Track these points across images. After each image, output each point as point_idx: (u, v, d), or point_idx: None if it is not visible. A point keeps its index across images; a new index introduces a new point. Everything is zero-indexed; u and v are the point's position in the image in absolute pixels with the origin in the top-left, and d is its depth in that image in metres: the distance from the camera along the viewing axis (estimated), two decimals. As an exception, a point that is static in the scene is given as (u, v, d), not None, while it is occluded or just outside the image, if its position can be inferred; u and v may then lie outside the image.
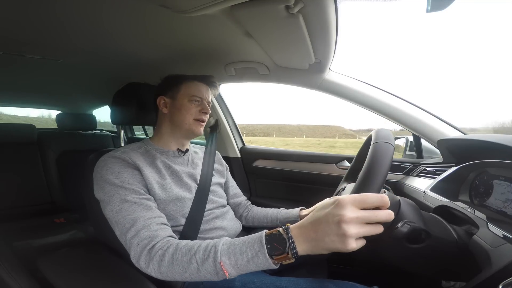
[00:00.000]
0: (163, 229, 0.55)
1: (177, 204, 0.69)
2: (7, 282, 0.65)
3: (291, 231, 0.41)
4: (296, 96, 74.07)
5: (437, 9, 0.51)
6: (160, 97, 0.78)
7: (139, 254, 0.50)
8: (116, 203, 0.57)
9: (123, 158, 0.65)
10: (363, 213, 0.36)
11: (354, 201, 0.36)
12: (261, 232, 0.43)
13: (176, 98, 0.76)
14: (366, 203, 0.36)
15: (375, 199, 0.36)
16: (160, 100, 0.78)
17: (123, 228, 0.55)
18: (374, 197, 0.36)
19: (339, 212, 0.36)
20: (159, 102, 0.78)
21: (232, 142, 1.38)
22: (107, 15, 0.67)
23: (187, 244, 0.48)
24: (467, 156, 0.71)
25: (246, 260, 0.42)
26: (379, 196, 0.37)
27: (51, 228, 1.37)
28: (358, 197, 0.37)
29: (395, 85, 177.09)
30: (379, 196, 0.37)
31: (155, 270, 0.48)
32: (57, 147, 1.59)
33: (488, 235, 0.48)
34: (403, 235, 0.52)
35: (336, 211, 0.37)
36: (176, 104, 0.76)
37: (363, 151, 0.73)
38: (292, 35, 0.68)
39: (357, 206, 0.36)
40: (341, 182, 0.82)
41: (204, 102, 0.78)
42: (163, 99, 0.77)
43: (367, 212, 0.36)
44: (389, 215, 0.37)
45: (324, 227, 0.37)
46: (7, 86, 1.41)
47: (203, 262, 0.44)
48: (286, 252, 0.40)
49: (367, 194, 0.37)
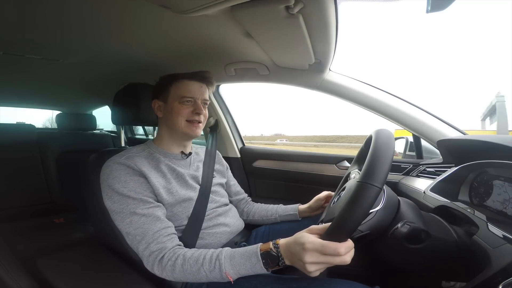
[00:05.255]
0: (170, 239, 0.61)
1: (182, 205, 0.71)
2: (7, 282, 0.65)
3: (280, 248, 0.51)
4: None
5: (437, 9, 0.51)
6: (154, 101, 0.77)
7: (152, 264, 0.58)
8: (126, 215, 0.61)
9: (128, 164, 0.65)
10: (319, 259, 0.45)
11: (315, 249, 0.45)
12: (256, 247, 0.53)
13: (167, 101, 0.74)
14: (324, 252, 0.45)
15: (331, 251, 0.44)
16: (154, 104, 0.77)
17: (134, 239, 0.60)
18: (331, 249, 0.44)
19: (303, 254, 0.46)
20: (154, 106, 0.77)
21: (232, 142, 1.38)
22: (107, 15, 0.67)
23: (193, 255, 0.56)
24: (467, 156, 0.71)
25: (246, 269, 0.52)
26: (335, 249, 0.44)
27: (50, 228, 1.37)
28: (319, 247, 0.45)
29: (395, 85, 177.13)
30: (335, 248, 0.44)
31: (168, 276, 0.57)
32: (57, 147, 1.59)
33: (488, 236, 0.48)
34: (403, 235, 0.52)
35: (301, 253, 0.46)
36: (168, 107, 0.74)
37: (363, 151, 0.73)
38: (292, 35, 0.68)
39: (318, 252, 0.45)
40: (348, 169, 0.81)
41: (197, 101, 0.74)
42: (157, 102, 0.76)
43: (323, 257, 0.45)
44: (344, 262, 0.44)
45: (295, 259, 0.48)
46: (7, 86, 1.41)
47: (211, 272, 0.53)
48: (277, 264, 0.51)
49: (327, 245, 0.44)
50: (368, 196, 0.41)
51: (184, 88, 0.73)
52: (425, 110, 0.94)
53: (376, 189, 0.41)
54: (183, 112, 0.73)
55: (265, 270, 0.51)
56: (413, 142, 1.07)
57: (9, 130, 1.50)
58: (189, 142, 0.82)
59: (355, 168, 0.76)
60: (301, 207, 0.88)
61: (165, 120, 0.76)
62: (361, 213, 0.41)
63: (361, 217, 0.42)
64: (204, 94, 0.76)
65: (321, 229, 0.49)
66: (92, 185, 0.72)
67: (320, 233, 0.48)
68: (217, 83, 1.23)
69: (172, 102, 0.73)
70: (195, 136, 0.76)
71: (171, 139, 0.77)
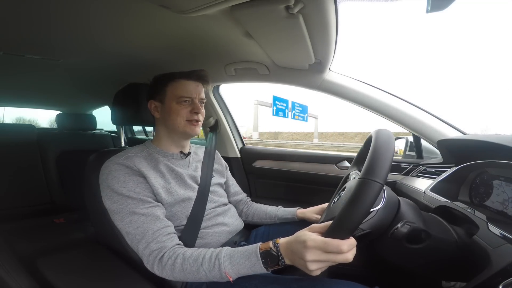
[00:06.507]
0: (170, 239, 0.61)
1: (182, 205, 0.71)
2: (7, 282, 0.65)
3: (280, 247, 0.50)
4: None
5: (437, 9, 0.51)
6: (150, 101, 0.76)
7: (152, 263, 0.58)
8: (125, 215, 0.61)
9: (127, 165, 0.65)
10: (321, 257, 0.45)
11: (317, 247, 0.45)
12: (256, 246, 0.52)
13: (164, 101, 0.74)
14: (326, 250, 0.44)
15: (334, 249, 0.43)
16: (151, 105, 0.76)
17: (133, 239, 0.60)
18: (333, 246, 0.43)
19: (304, 253, 0.45)
20: (150, 107, 0.76)
21: (232, 142, 1.38)
22: (107, 15, 0.67)
23: (192, 254, 0.56)
24: (467, 156, 0.71)
25: (245, 269, 0.51)
26: (337, 246, 0.43)
27: (50, 228, 1.37)
28: (321, 244, 0.44)
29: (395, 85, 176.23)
30: (337, 245, 0.43)
31: (168, 275, 0.56)
32: (57, 147, 1.58)
33: (488, 236, 0.48)
34: (403, 235, 0.52)
35: (302, 251, 0.46)
36: (165, 107, 0.74)
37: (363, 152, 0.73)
38: (292, 35, 0.68)
39: (320, 250, 0.44)
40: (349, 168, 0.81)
41: (194, 101, 0.74)
42: (153, 103, 0.76)
43: (325, 255, 0.44)
44: (346, 260, 0.44)
45: (296, 258, 0.48)
46: (7, 86, 1.41)
47: (210, 271, 0.53)
48: (277, 264, 0.50)
49: (330, 242, 0.44)
50: (370, 192, 0.41)
51: (181, 88, 0.73)
52: (425, 110, 0.94)
53: (378, 185, 0.41)
54: (182, 112, 0.73)
55: (264, 270, 0.51)
56: (413, 142, 1.07)
57: (9, 130, 1.50)
58: (188, 141, 0.82)
59: (354, 169, 0.76)
60: (299, 212, 0.87)
61: (163, 120, 0.75)
62: (363, 209, 0.41)
63: (363, 214, 0.41)
64: (201, 93, 0.77)
65: (322, 227, 0.49)
66: (91, 185, 0.72)
67: (322, 231, 0.48)
68: (217, 83, 1.23)
69: (169, 102, 0.73)
70: (195, 135, 0.77)
71: (170, 139, 0.77)
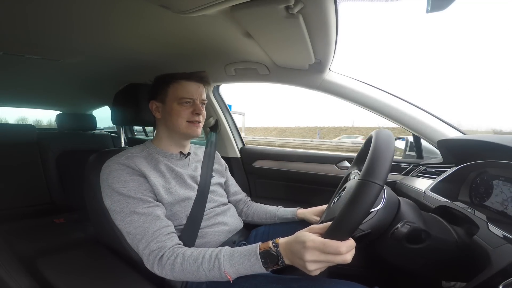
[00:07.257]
0: (170, 238, 0.61)
1: (182, 204, 0.71)
2: (7, 282, 0.65)
3: (279, 247, 0.50)
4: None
5: (437, 9, 0.51)
6: (151, 102, 0.76)
7: (152, 263, 0.58)
8: (126, 214, 0.62)
9: (128, 164, 0.66)
10: (320, 258, 0.45)
11: (316, 248, 0.45)
12: (255, 246, 0.52)
13: (166, 102, 0.74)
14: (325, 251, 0.44)
15: (332, 250, 0.44)
16: (152, 105, 0.76)
17: (134, 238, 0.61)
18: (332, 248, 0.44)
19: (303, 253, 0.46)
20: (151, 107, 0.77)
21: (232, 142, 1.38)
22: (107, 15, 0.67)
23: (192, 254, 0.56)
24: (467, 156, 0.71)
25: (245, 269, 0.51)
26: (336, 247, 0.43)
27: (50, 228, 1.37)
28: (320, 245, 0.45)
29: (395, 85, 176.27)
30: (336, 247, 0.43)
31: (168, 275, 0.56)
32: (57, 147, 1.59)
33: (488, 236, 0.48)
34: (403, 235, 0.52)
35: (301, 252, 0.46)
36: (167, 108, 0.74)
37: (363, 152, 0.73)
38: (292, 35, 0.68)
39: (319, 250, 0.45)
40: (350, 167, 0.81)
41: (196, 102, 0.74)
42: (154, 103, 0.76)
43: (324, 256, 0.45)
44: (345, 261, 0.44)
45: (295, 258, 0.48)
46: (7, 86, 1.41)
47: (210, 271, 0.53)
48: (276, 263, 0.50)
49: (329, 243, 0.44)
50: (370, 193, 0.41)
51: (183, 89, 0.73)
52: (425, 110, 0.94)
53: (377, 186, 0.41)
54: (183, 113, 0.73)
55: (264, 270, 0.51)
56: (413, 142, 1.07)
57: (9, 130, 1.50)
58: (188, 142, 0.82)
59: (354, 169, 0.76)
60: (300, 212, 0.87)
61: (164, 121, 0.76)
62: (362, 211, 0.41)
63: (362, 215, 0.41)
64: (202, 94, 0.77)
65: (322, 228, 0.49)
66: (92, 185, 0.72)
67: (321, 232, 0.48)
68: (217, 83, 1.23)
69: (170, 103, 0.73)
70: (196, 136, 0.77)
71: (170, 140, 0.77)
